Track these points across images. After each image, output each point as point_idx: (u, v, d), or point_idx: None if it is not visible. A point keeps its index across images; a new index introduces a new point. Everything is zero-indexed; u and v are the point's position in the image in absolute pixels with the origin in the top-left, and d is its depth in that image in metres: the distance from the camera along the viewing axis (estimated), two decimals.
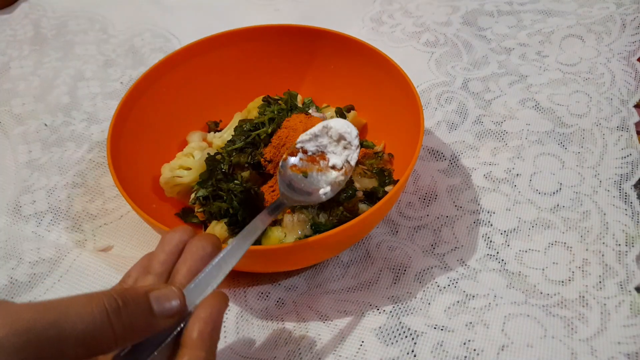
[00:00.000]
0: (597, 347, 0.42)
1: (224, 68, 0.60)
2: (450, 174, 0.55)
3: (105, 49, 0.75)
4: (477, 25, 0.72)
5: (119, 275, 0.49)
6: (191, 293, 0.32)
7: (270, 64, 0.60)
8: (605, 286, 0.45)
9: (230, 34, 0.58)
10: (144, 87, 0.54)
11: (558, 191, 0.52)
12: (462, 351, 0.42)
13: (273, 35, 0.59)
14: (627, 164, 0.54)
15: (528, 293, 0.45)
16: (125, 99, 0.52)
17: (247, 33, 0.58)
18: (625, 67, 0.63)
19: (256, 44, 0.59)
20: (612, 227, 0.49)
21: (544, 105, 0.61)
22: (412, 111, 0.49)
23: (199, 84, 0.58)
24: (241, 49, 0.59)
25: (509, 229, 0.50)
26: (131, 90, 0.52)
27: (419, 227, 0.51)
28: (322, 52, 0.59)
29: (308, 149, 0.46)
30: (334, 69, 0.59)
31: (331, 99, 0.60)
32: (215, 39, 0.58)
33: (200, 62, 0.58)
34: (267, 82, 0.60)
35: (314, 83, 0.61)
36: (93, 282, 0.49)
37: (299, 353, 0.43)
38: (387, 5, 0.78)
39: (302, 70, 0.61)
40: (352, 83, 0.58)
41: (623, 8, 0.70)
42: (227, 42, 0.58)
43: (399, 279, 0.47)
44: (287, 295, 0.47)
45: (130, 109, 0.52)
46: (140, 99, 0.54)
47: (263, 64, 0.60)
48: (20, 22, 0.80)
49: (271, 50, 0.60)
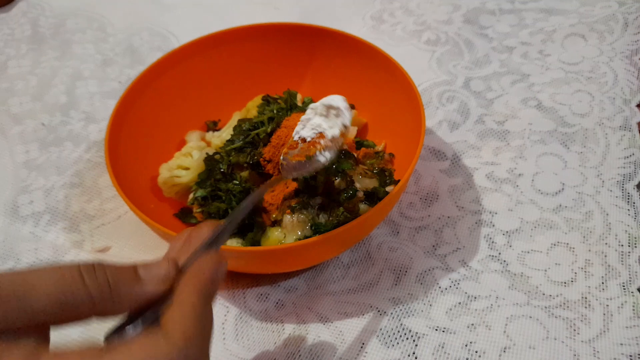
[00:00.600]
0: (599, 349, 0.41)
1: (223, 67, 0.59)
2: (452, 174, 0.55)
3: (104, 48, 0.74)
4: (479, 24, 0.72)
5: None
6: (185, 265, 0.31)
7: (270, 62, 0.60)
8: (607, 287, 0.45)
9: (229, 32, 0.57)
10: (142, 86, 0.53)
11: (560, 191, 0.52)
12: (464, 353, 0.41)
13: (272, 34, 0.58)
14: (630, 163, 0.53)
15: (530, 294, 0.45)
16: (123, 98, 0.51)
17: (247, 31, 0.58)
18: (627, 66, 0.63)
19: (255, 42, 0.59)
20: (615, 228, 0.49)
21: (546, 104, 0.60)
22: (413, 111, 0.49)
23: (198, 83, 0.58)
24: (240, 47, 0.59)
25: (511, 229, 0.50)
26: (129, 90, 0.52)
27: (420, 227, 0.51)
28: (322, 51, 0.58)
29: (306, 137, 0.46)
30: (334, 68, 0.59)
31: None
32: (214, 37, 0.57)
33: (199, 61, 0.57)
34: (267, 81, 0.59)
35: (314, 82, 0.60)
36: None
37: (299, 355, 0.42)
38: (388, 3, 0.77)
39: (301, 69, 0.60)
40: (353, 82, 0.58)
41: (625, 7, 0.70)
42: (226, 40, 0.58)
43: (400, 280, 0.47)
44: (286, 296, 0.47)
45: (128, 108, 0.52)
46: (138, 99, 0.53)
47: (262, 63, 0.60)
48: (18, 21, 0.79)
49: (270, 49, 0.59)
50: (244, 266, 0.45)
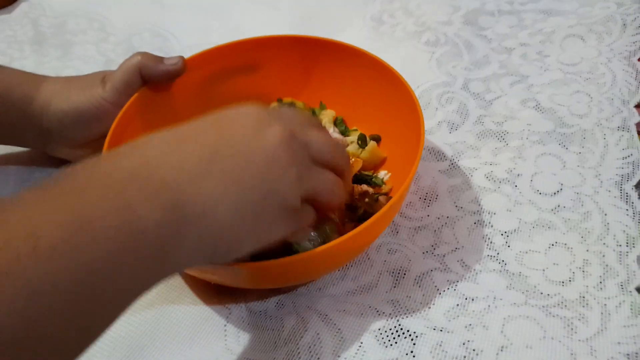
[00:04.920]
0: (596, 348, 0.41)
1: (228, 79, 0.58)
2: (451, 175, 0.55)
3: (105, 49, 0.75)
4: (478, 25, 0.72)
5: None
6: None
7: (263, 73, 0.59)
8: (605, 286, 0.45)
9: (222, 48, 0.56)
10: (146, 96, 0.52)
11: (559, 192, 0.52)
12: (462, 351, 0.42)
13: (264, 46, 0.57)
14: (628, 164, 0.54)
15: (528, 294, 0.45)
16: (127, 107, 0.50)
17: (237, 46, 0.57)
18: (626, 67, 0.63)
19: (248, 54, 0.58)
20: (613, 228, 0.49)
21: (545, 105, 0.60)
22: (412, 119, 0.48)
23: (203, 95, 0.57)
24: (234, 59, 0.57)
25: (510, 229, 0.50)
26: (134, 100, 0.51)
27: (420, 227, 0.51)
28: (316, 60, 0.57)
29: None
30: (329, 76, 0.58)
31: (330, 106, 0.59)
32: (220, 49, 0.56)
33: (204, 72, 0.56)
34: (260, 92, 0.58)
35: (309, 92, 0.60)
36: None
37: (298, 354, 0.43)
38: (388, 4, 0.77)
39: (296, 79, 0.59)
40: (348, 89, 0.57)
41: (624, 8, 0.70)
42: (222, 54, 0.56)
43: (398, 282, 0.47)
44: (286, 296, 0.47)
45: (131, 118, 0.51)
46: (141, 109, 0.52)
47: (254, 74, 0.59)
48: (20, 22, 0.80)
49: (264, 59, 0.58)
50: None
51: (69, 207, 0.26)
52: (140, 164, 0.30)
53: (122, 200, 0.28)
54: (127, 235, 0.27)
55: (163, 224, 0.29)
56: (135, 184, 0.29)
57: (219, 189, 0.31)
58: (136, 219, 0.28)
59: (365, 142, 0.54)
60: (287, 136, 0.34)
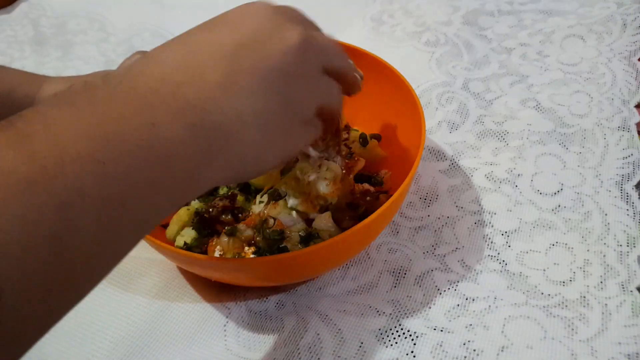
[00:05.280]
0: (597, 348, 0.41)
1: None
2: (451, 174, 0.55)
3: (105, 49, 0.75)
4: (478, 25, 0.72)
5: (118, 277, 0.49)
6: None
7: None
8: (606, 286, 0.45)
9: None
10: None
11: (559, 191, 0.52)
12: (462, 351, 0.42)
13: None
14: (629, 164, 0.54)
15: (529, 294, 0.45)
16: None
17: None
18: (626, 67, 0.63)
19: None
20: (614, 228, 0.49)
21: (545, 105, 0.60)
22: (413, 118, 0.48)
23: None
24: None
25: (510, 229, 0.50)
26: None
27: (420, 227, 0.51)
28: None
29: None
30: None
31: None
32: None
33: None
34: None
35: None
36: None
37: (298, 354, 0.43)
38: (388, 4, 0.77)
39: None
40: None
41: (624, 8, 0.70)
42: None
43: (399, 282, 0.47)
44: (286, 296, 0.47)
45: None
46: None
47: None
48: (20, 22, 0.80)
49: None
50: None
51: (95, 120, 0.26)
52: (159, 80, 0.29)
53: (149, 118, 0.27)
54: (155, 154, 0.27)
55: (191, 144, 0.28)
56: (159, 102, 0.28)
57: (242, 105, 0.31)
58: (162, 138, 0.27)
59: (366, 141, 0.54)
60: (305, 43, 0.33)
